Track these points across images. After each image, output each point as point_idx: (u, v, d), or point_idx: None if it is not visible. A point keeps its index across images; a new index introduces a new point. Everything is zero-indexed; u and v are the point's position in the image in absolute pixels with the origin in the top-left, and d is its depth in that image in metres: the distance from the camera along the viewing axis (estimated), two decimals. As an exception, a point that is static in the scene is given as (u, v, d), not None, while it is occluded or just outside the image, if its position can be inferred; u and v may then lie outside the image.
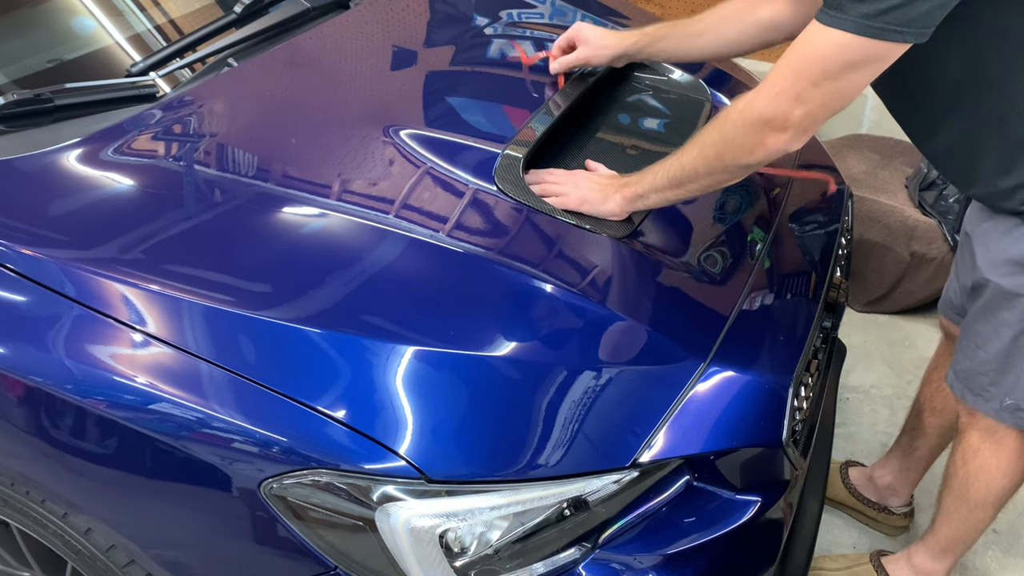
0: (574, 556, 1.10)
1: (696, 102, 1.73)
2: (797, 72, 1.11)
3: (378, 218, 1.24)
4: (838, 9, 1.06)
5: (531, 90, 1.64)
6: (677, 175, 1.26)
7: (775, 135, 1.15)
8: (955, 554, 1.69)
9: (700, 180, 1.26)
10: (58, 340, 1.07)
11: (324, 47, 1.67)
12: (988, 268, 1.37)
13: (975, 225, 1.42)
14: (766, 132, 1.15)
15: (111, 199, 1.25)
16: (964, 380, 1.49)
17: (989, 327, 1.40)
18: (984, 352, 1.42)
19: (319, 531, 1.04)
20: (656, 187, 1.29)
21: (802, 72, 1.11)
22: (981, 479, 1.55)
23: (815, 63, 1.10)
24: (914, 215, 2.55)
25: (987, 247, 1.37)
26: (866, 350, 2.57)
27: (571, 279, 1.22)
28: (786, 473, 1.23)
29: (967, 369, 1.47)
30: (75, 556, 1.18)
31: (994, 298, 1.37)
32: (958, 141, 1.29)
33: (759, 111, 1.15)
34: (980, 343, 1.43)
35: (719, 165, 1.22)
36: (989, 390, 1.45)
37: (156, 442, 1.03)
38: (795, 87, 1.11)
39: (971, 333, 1.45)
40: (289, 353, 1.05)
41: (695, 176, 1.25)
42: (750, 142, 1.17)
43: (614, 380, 1.13)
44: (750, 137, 1.17)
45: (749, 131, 1.17)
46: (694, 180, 1.26)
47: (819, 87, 1.11)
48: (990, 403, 1.46)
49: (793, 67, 1.12)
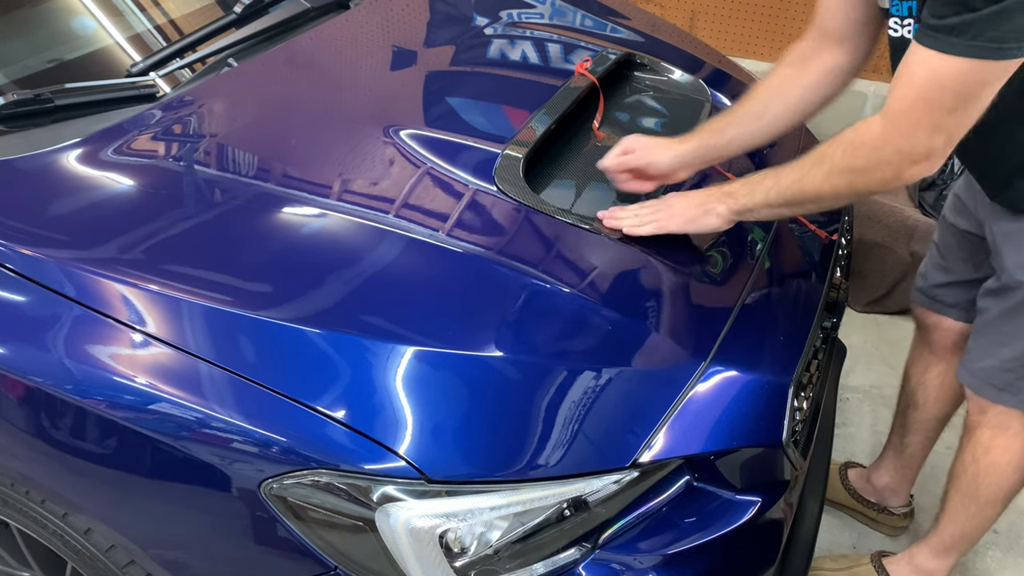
0: (574, 556, 1.10)
1: (696, 102, 1.73)
2: (929, 102, 1.08)
3: (378, 218, 1.24)
4: (962, 35, 1.01)
5: (531, 90, 1.64)
6: (797, 196, 1.24)
7: (916, 166, 1.13)
8: (959, 553, 1.69)
9: (824, 202, 1.24)
10: (58, 340, 1.07)
11: (324, 47, 1.67)
12: (1019, 271, 1.37)
13: (997, 227, 1.41)
14: (906, 164, 1.13)
15: (111, 199, 1.25)
16: (984, 377, 1.49)
17: (1017, 327, 1.41)
18: (1010, 350, 1.43)
19: (319, 531, 1.04)
20: (769, 203, 1.26)
21: (935, 102, 1.07)
22: (992, 475, 1.55)
23: (947, 91, 1.06)
24: (914, 215, 2.55)
25: (1017, 250, 1.38)
26: (866, 350, 2.57)
27: (571, 279, 1.22)
28: (786, 473, 1.23)
29: (989, 367, 1.48)
30: (75, 556, 1.18)
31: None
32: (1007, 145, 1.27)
33: (897, 146, 1.12)
34: (1006, 341, 1.44)
35: (850, 192, 1.20)
36: (1016, 384, 1.46)
37: (156, 442, 1.03)
38: (930, 118, 1.08)
39: (992, 332, 1.46)
40: (289, 353, 1.05)
41: (819, 199, 1.23)
42: (890, 173, 1.15)
43: (614, 380, 1.13)
44: (890, 168, 1.14)
45: (887, 163, 1.14)
46: (817, 202, 1.24)
47: (955, 113, 1.08)
48: (1017, 396, 1.47)
49: (924, 97, 1.08)
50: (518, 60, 1.76)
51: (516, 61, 1.75)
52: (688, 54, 1.94)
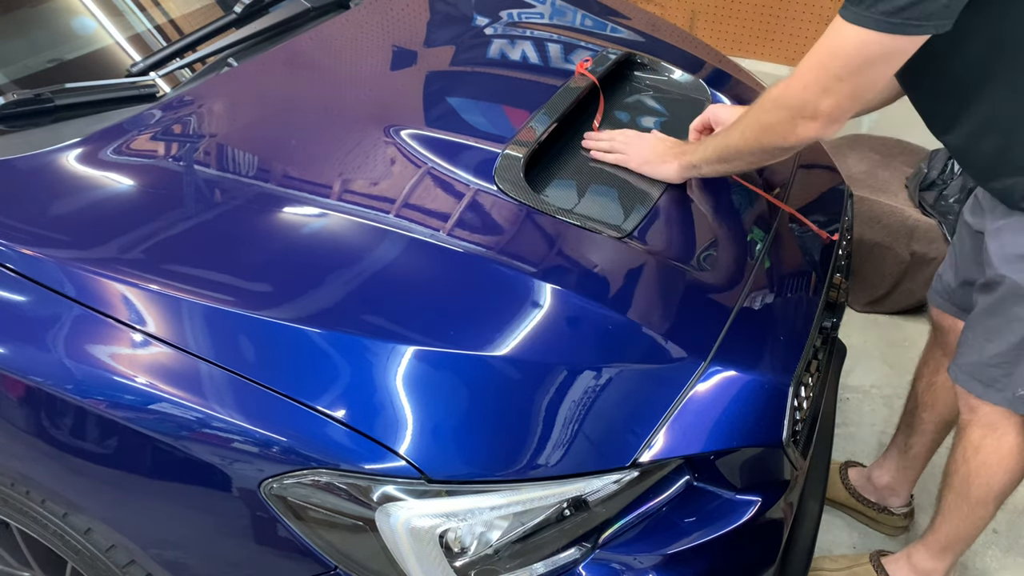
0: (574, 556, 1.10)
1: (696, 102, 1.73)
2: (823, 66, 1.17)
3: (378, 218, 1.24)
4: (859, 5, 1.10)
5: (531, 90, 1.64)
6: (724, 152, 1.36)
7: (806, 124, 1.22)
8: (955, 552, 1.69)
9: (743, 158, 1.36)
10: (58, 340, 1.07)
11: (324, 47, 1.67)
12: (1003, 264, 1.37)
13: (989, 222, 1.42)
14: (797, 121, 1.22)
15: (111, 199, 1.25)
16: (971, 373, 1.49)
17: (1001, 321, 1.41)
18: (995, 346, 1.43)
19: (319, 531, 1.04)
20: (708, 159, 1.39)
21: (827, 66, 1.17)
22: (982, 476, 1.55)
23: (838, 58, 1.15)
24: (914, 215, 2.55)
25: (1002, 244, 1.38)
26: (866, 350, 2.57)
27: (571, 279, 1.22)
28: (786, 473, 1.23)
29: (975, 362, 1.48)
30: (75, 556, 1.18)
31: (1007, 294, 1.38)
32: (982, 131, 1.30)
33: (790, 101, 1.22)
34: (990, 337, 1.43)
35: (757, 147, 1.31)
36: (1001, 381, 1.45)
37: (156, 442, 1.03)
38: (821, 80, 1.17)
39: (979, 327, 1.46)
40: (289, 353, 1.05)
41: (740, 154, 1.35)
42: (783, 129, 1.25)
43: (614, 380, 1.13)
44: (783, 124, 1.25)
45: (783, 119, 1.24)
46: (738, 158, 1.36)
47: (844, 81, 1.16)
48: (1003, 393, 1.46)
49: (820, 61, 1.18)
50: (518, 60, 1.76)
51: (516, 61, 1.75)
52: (688, 54, 1.94)
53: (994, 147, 1.30)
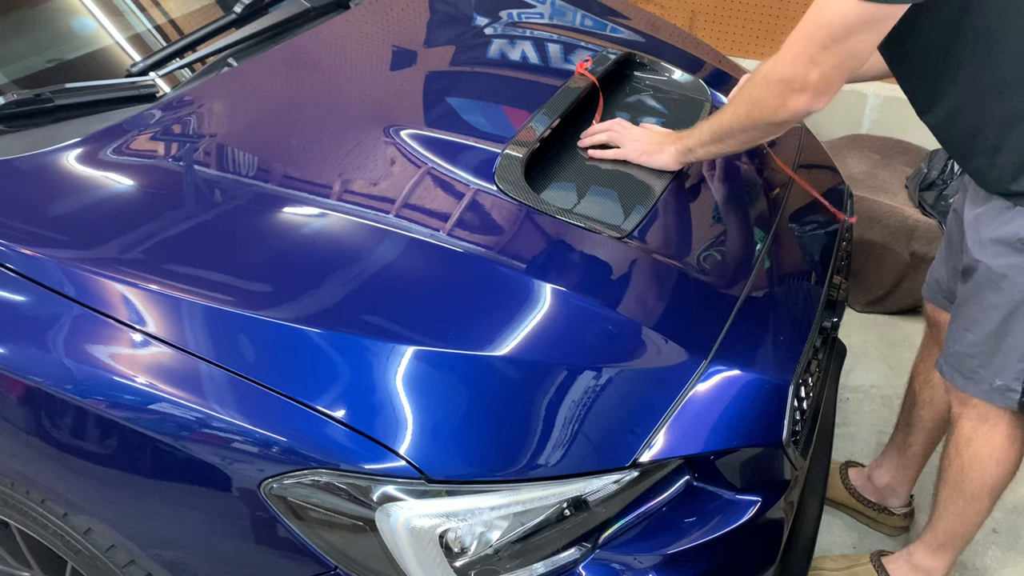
0: (574, 556, 1.10)
1: (696, 102, 1.73)
2: (809, 36, 1.20)
3: (378, 218, 1.24)
4: None
5: (531, 90, 1.64)
6: (718, 131, 1.38)
7: (796, 96, 1.24)
8: (954, 549, 1.69)
9: (737, 136, 1.37)
10: (58, 340, 1.07)
11: (324, 47, 1.67)
12: (977, 249, 1.38)
13: (969, 209, 1.42)
14: (787, 94, 1.24)
15: (111, 199, 1.25)
16: (954, 363, 1.49)
17: (977, 309, 1.41)
18: (972, 335, 1.43)
19: (319, 531, 1.04)
20: (702, 142, 1.41)
21: (813, 36, 1.19)
22: (976, 468, 1.55)
23: (822, 28, 1.18)
24: (914, 215, 2.55)
25: (977, 229, 1.39)
26: (866, 350, 2.57)
27: (571, 279, 1.22)
28: (786, 473, 1.23)
29: (956, 352, 1.48)
30: (75, 556, 1.18)
31: (982, 280, 1.38)
32: (957, 110, 1.31)
33: (779, 74, 1.25)
34: (968, 326, 1.44)
35: (750, 123, 1.33)
36: (979, 372, 1.45)
37: (156, 442, 1.03)
38: (808, 51, 1.20)
39: (960, 316, 1.46)
40: (289, 353, 1.05)
41: (732, 132, 1.36)
42: (774, 103, 1.27)
43: (614, 380, 1.13)
44: (774, 98, 1.27)
45: (773, 92, 1.26)
46: (732, 136, 1.37)
47: (829, 50, 1.18)
48: (980, 385, 1.46)
49: (805, 32, 1.20)
50: (518, 60, 1.76)
51: (516, 61, 1.75)
52: (688, 54, 1.94)
53: (966, 127, 1.31)
